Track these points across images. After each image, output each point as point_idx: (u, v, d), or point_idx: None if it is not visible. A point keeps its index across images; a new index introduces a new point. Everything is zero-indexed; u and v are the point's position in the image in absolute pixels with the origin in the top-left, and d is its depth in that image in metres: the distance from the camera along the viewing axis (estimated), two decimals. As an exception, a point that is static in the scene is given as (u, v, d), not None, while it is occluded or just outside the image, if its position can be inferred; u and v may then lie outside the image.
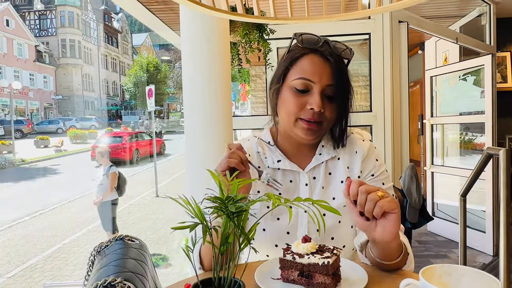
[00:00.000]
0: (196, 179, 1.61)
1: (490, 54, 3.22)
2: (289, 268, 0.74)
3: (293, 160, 0.96)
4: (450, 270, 0.61)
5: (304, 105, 0.88)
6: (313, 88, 0.88)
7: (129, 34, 45.13)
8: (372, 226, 0.72)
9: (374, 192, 0.71)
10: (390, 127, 2.38)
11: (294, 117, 0.89)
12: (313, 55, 0.89)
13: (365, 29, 2.39)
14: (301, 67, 0.89)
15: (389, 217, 0.71)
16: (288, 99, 0.90)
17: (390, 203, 0.70)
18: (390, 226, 0.71)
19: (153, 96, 9.52)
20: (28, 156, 14.98)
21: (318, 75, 0.87)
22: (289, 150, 0.97)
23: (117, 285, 0.43)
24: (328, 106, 0.88)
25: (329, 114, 0.89)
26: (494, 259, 3.12)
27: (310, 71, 0.88)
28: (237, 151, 0.82)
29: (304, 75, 0.88)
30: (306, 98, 0.88)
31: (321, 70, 0.88)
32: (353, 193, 0.72)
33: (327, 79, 0.87)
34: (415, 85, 6.57)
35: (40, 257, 5.24)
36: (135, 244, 0.57)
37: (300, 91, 0.88)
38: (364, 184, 0.72)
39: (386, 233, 0.71)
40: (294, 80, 0.89)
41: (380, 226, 0.71)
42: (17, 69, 30.77)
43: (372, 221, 0.72)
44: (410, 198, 2.02)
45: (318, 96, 0.86)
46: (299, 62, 0.90)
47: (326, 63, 0.88)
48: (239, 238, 0.55)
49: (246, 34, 1.82)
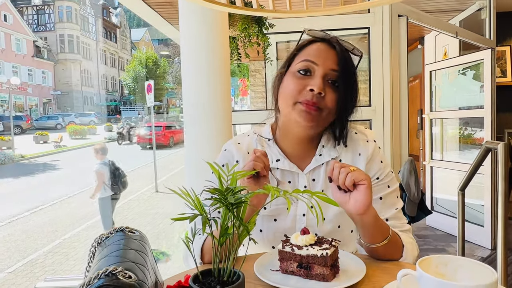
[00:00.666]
0: (195, 173, 1.61)
1: (490, 49, 3.22)
2: (288, 259, 0.75)
3: (293, 160, 0.94)
4: (446, 261, 0.62)
5: (304, 87, 0.86)
6: (315, 71, 0.87)
7: (127, 29, 44.92)
8: (346, 198, 0.77)
9: (347, 166, 0.76)
10: (389, 122, 2.38)
11: (292, 100, 0.87)
12: (321, 43, 0.90)
13: (365, 23, 2.38)
14: (307, 52, 0.90)
15: (360, 188, 0.75)
16: (288, 83, 0.89)
17: (360, 174, 0.75)
18: (361, 197, 0.75)
19: (152, 91, 9.52)
20: (27, 152, 14.98)
21: (322, 58, 0.87)
22: (288, 148, 0.95)
23: (118, 274, 0.43)
24: (330, 92, 0.86)
25: (329, 101, 0.86)
26: (492, 253, 3.14)
27: (315, 54, 0.88)
28: (262, 157, 0.82)
29: (308, 57, 0.88)
30: (307, 80, 0.87)
31: (326, 55, 0.88)
32: (329, 170, 0.78)
33: (331, 63, 0.87)
34: (415, 80, 6.56)
35: (40, 252, 5.27)
36: (135, 236, 0.58)
37: (303, 74, 0.88)
38: (342, 164, 0.78)
39: (358, 204, 0.75)
40: (298, 63, 0.89)
41: (352, 198, 0.76)
42: (15, 64, 30.65)
43: (347, 194, 0.77)
44: (408, 192, 2.04)
45: (320, 78, 0.85)
46: (306, 48, 0.91)
47: (332, 50, 0.88)
48: (238, 229, 0.56)
49: (245, 29, 1.82)
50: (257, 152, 0.82)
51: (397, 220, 0.91)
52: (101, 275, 0.43)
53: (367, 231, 0.80)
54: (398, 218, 0.91)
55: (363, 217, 0.77)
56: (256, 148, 0.86)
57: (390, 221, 0.89)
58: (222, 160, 0.98)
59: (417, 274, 0.59)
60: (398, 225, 0.90)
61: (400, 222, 0.91)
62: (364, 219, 0.77)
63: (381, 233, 0.80)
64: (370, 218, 0.77)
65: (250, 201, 0.57)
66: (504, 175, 1.70)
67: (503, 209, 1.69)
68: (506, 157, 1.74)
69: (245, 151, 0.97)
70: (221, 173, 0.59)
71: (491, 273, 0.57)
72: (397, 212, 0.91)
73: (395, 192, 0.94)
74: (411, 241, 0.89)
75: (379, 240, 0.79)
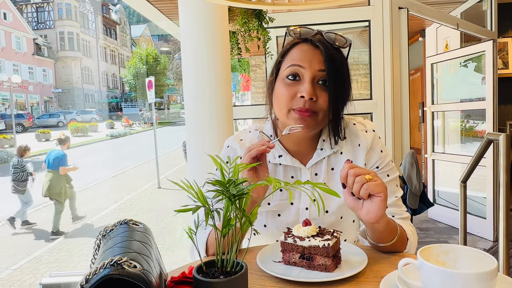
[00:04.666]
0: (197, 168, 1.62)
1: (491, 40, 3.20)
2: (290, 251, 0.75)
3: (295, 155, 0.95)
4: (447, 249, 0.63)
5: (295, 94, 0.85)
6: (303, 74, 0.86)
7: (127, 26, 44.79)
8: (359, 205, 0.74)
9: (362, 175, 0.72)
10: (391, 115, 2.38)
11: (286, 108, 0.86)
12: (303, 44, 0.88)
13: (365, 16, 2.37)
14: (291, 56, 0.88)
15: (375, 200, 0.73)
16: (279, 92, 0.88)
17: (377, 186, 0.72)
18: (374, 208, 0.73)
19: (153, 88, 9.52)
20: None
21: (308, 61, 0.85)
22: (290, 145, 0.95)
23: (123, 264, 0.44)
24: (322, 94, 0.85)
25: (323, 102, 0.85)
26: (494, 245, 3.15)
27: (300, 58, 0.86)
28: (255, 145, 0.82)
29: (294, 61, 0.87)
30: (297, 86, 0.86)
31: (311, 56, 0.86)
32: (342, 176, 0.74)
33: (317, 64, 0.85)
34: (416, 73, 6.54)
35: (45, 249, 5.30)
36: (139, 228, 0.59)
37: (292, 80, 0.86)
38: (356, 167, 0.74)
39: (370, 214, 0.73)
40: (285, 69, 0.88)
41: (365, 207, 0.74)
42: (16, 62, 30.65)
43: (360, 201, 0.74)
44: (410, 185, 2.04)
45: (309, 83, 0.84)
46: (290, 52, 0.89)
47: (316, 50, 0.86)
48: (241, 220, 0.56)
49: (245, 23, 1.82)
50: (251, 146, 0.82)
51: (397, 208, 0.93)
52: (107, 265, 0.44)
53: (376, 234, 0.80)
54: (398, 205, 0.93)
55: (374, 224, 0.77)
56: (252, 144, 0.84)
57: (390, 208, 0.91)
58: (225, 156, 0.99)
59: (418, 263, 0.59)
60: (398, 212, 0.92)
61: (400, 209, 0.93)
62: (375, 226, 0.77)
63: (390, 234, 0.80)
64: (381, 225, 0.77)
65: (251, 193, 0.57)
66: (506, 167, 1.70)
67: (504, 201, 1.69)
68: (507, 148, 1.74)
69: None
70: (223, 165, 0.60)
71: (492, 261, 0.57)
72: (396, 200, 0.93)
73: (395, 181, 0.95)
74: (411, 229, 0.91)
75: (388, 240, 0.80)
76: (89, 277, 0.44)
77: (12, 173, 6.25)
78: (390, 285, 0.63)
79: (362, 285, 0.68)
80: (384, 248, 0.82)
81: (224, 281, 0.53)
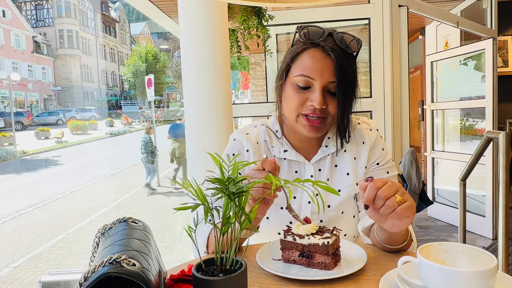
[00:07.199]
0: (196, 166, 1.62)
1: (491, 38, 3.19)
2: (290, 249, 0.75)
3: (299, 151, 0.97)
4: (447, 248, 0.62)
5: (305, 101, 0.87)
6: (314, 85, 0.86)
7: (127, 24, 44.70)
8: (383, 218, 0.71)
9: (393, 197, 0.67)
10: (390, 113, 2.38)
11: (295, 113, 0.88)
12: (314, 50, 0.86)
13: (365, 13, 2.36)
14: (302, 64, 0.87)
15: (403, 219, 0.69)
16: (290, 95, 0.89)
17: (408, 210, 0.67)
18: (401, 225, 0.70)
19: (153, 86, 9.51)
20: (29, 148, 15.03)
21: (318, 72, 0.85)
22: (295, 142, 0.97)
23: (122, 262, 0.44)
24: (331, 102, 0.87)
25: (332, 109, 0.87)
26: (493, 243, 3.16)
27: (310, 68, 0.85)
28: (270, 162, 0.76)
29: (305, 72, 0.86)
30: (307, 94, 0.87)
31: (322, 67, 0.85)
32: (368, 199, 0.68)
33: (328, 76, 0.85)
34: (416, 71, 6.53)
35: (44, 247, 5.31)
36: (138, 226, 0.59)
37: (302, 88, 0.87)
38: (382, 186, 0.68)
39: (395, 228, 0.71)
40: (295, 76, 0.87)
41: (390, 221, 0.71)
42: (15, 60, 30.61)
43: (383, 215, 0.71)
44: (410, 183, 2.04)
45: (319, 93, 0.85)
46: (300, 57, 0.88)
47: (327, 59, 0.85)
48: (240, 218, 0.56)
49: (245, 20, 1.81)
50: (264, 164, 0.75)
51: None
52: (106, 263, 0.44)
53: (393, 239, 0.79)
54: None
55: (396, 233, 0.76)
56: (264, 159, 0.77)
57: None
58: (232, 150, 0.99)
59: (418, 261, 0.59)
60: None
61: None
62: (394, 234, 0.77)
63: (403, 237, 0.81)
64: (401, 233, 0.77)
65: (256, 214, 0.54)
66: (505, 165, 1.70)
67: (504, 199, 1.69)
68: (507, 147, 1.73)
69: (254, 142, 0.98)
70: (222, 163, 0.60)
71: (491, 259, 0.57)
72: None
73: (393, 178, 0.97)
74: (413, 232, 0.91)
75: (399, 243, 0.81)
76: (88, 275, 0.44)
77: (144, 147, 7.88)
78: (390, 283, 0.63)
79: (362, 283, 0.68)
80: (391, 249, 0.82)
81: (224, 279, 0.53)
